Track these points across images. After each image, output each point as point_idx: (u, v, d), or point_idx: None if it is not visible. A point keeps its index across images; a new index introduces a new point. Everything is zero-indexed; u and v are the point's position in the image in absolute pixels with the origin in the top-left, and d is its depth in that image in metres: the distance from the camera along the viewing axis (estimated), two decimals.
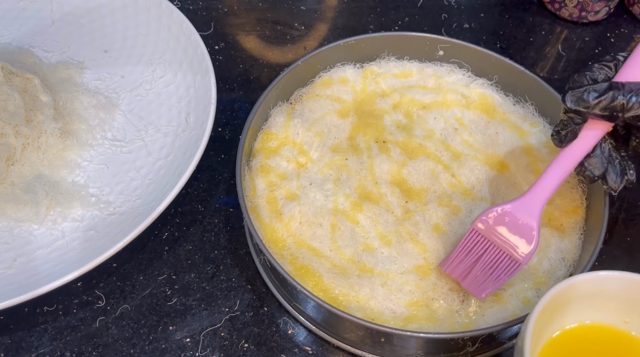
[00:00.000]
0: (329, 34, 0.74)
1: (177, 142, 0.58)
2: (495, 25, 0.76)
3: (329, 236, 0.50)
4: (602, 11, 0.73)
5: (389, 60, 0.62)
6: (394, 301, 0.47)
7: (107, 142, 0.60)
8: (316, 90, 0.60)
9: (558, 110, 0.57)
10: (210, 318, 0.50)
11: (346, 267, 0.49)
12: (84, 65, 0.66)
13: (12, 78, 0.58)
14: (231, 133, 0.63)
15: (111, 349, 0.49)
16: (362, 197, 0.53)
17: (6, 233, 0.53)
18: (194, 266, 0.53)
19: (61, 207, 0.54)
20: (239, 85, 0.68)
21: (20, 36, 0.68)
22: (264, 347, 0.49)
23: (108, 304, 0.51)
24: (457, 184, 0.54)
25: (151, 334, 0.50)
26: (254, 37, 0.73)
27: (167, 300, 0.51)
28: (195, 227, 0.56)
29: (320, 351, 0.49)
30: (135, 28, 0.68)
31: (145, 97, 0.63)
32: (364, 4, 0.77)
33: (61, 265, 0.50)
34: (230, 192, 0.59)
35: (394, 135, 0.57)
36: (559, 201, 0.53)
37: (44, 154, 0.57)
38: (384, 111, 0.59)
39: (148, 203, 0.53)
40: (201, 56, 0.61)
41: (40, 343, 0.49)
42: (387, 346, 0.47)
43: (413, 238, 0.50)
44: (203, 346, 0.49)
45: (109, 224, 0.53)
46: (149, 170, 0.57)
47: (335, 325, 0.48)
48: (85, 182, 0.57)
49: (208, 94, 0.58)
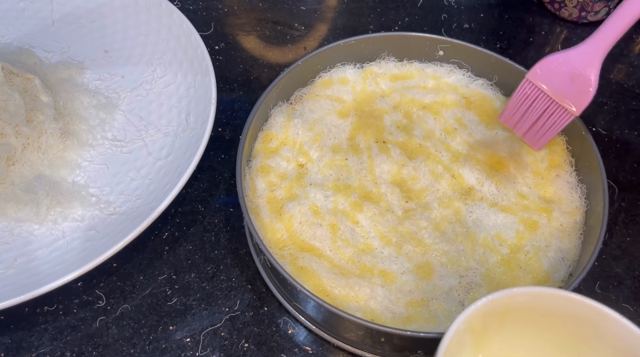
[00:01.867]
0: (329, 34, 0.74)
1: (177, 142, 0.58)
2: (495, 25, 0.76)
3: (329, 236, 0.50)
4: (602, 11, 0.73)
5: (389, 60, 0.62)
6: (394, 301, 0.47)
7: (107, 142, 0.60)
8: (316, 90, 0.60)
9: None
10: (211, 318, 0.50)
11: (346, 267, 0.49)
12: (84, 65, 0.66)
13: (12, 78, 0.58)
14: (231, 133, 0.63)
15: (111, 349, 0.49)
16: (362, 197, 0.53)
17: (6, 233, 0.53)
18: (194, 266, 0.53)
19: (61, 207, 0.54)
20: (239, 85, 0.68)
21: (20, 36, 0.68)
22: (264, 347, 0.49)
23: (108, 304, 0.51)
24: (457, 184, 0.54)
25: (151, 334, 0.50)
26: (254, 37, 0.73)
27: (167, 300, 0.51)
28: (195, 227, 0.56)
29: (320, 350, 0.49)
30: (135, 28, 0.68)
31: (146, 97, 0.63)
32: (364, 4, 0.77)
33: (61, 265, 0.50)
34: (230, 192, 0.59)
35: (394, 136, 0.57)
36: (559, 201, 0.53)
37: (44, 154, 0.57)
38: (384, 111, 0.59)
39: (148, 203, 0.53)
40: (201, 56, 0.61)
41: (40, 343, 0.49)
42: (387, 346, 0.47)
43: (413, 238, 0.50)
44: (203, 345, 0.49)
45: (109, 224, 0.53)
46: (149, 170, 0.57)
47: (335, 325, 0.48)
48: (85, 182, 0.57)
49: (208, 94, 0.58)
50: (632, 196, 0.59)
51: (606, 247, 0.55)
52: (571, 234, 0.51)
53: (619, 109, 0.67)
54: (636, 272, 0.54)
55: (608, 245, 0.55)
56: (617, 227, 0.57)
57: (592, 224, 0.51)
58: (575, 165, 0.55)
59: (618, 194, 0.59)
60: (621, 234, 0.56)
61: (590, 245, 0.49)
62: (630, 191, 0.59)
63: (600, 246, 0.47)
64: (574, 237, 0.51)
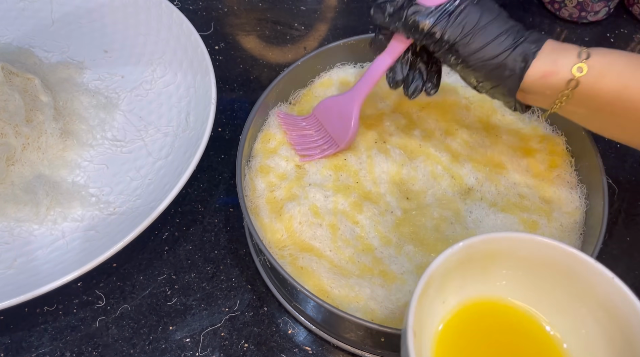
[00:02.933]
0: (329, 34, 0.74)
1: (177, 142, 0.58)
2: None
3: (329, 236, 0.50)
4: (602, 11, 0.73)
5: None
6: (394, 301, 0.47)
7: (107, 142, 0.60)
8: (316, 91, 0.60)
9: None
10: (210, 318, 0.50)
11: (346, 267, 0.49)
12: (84, 65, 0.66)
13: (12, 78, 0.58)
14: (231, 133, 0.63)
15: (111, 349, 0.49)
16: (362, 197, 0.53)
17: (6, 233, 0.53)
18: (194, 266, 0.53)
19: (61, 207, 0.54)
20: (239, 85, 0.68)
21: (20, 36, 0.68)
22: (264, 347, 0.49)
23: (108, 304, 0.51)
24: (456, 184, 0.54)
25: (151, 334, 0.50)
26: (254, 37, 0.73)
27: (167, 300, 0.51)
28: (195, 227, 0.56)
29: (320, 351, 0.49)
30: (135, 28, 0.68)
31: (145, 97, 0.63)
32: (364, 4, 0.77)
33: (61, 265, 0.50)
34: (230, 192, 0.59)
35: (393, 136, 0.57)
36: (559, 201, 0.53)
37: (44, 154, 0.57)
38: (383, 112, 0.59)
39: (148, 203, 0.53)
40: (201, 56, 0.61)
41: (40, 343, 0.49)
42: (387, 346, 0.47)
43: (413, 238, 0.50)
44: (203, 345, 0.49)
45: (109, 224, 0.53)
46: (149, 171, 0.57)
47: (335, 325, 0.48)
48: (85, 182, 0.57)
49: (208, 94, 0.58)
50: (632, 196, 0.59)
51: (606, 247, 0.55)
52: (571, 234, 0.51)
53: None
54: (636, 272, 0.54)
55: (608, 245, 0.55)
56: (617, 227, 0.57)
57: (592, 224, 0.51)
58: (575, 166, 0.55)
59: (618, 194, 0.59)
60: (621, 234, 0.56)
61: (590, 245, 0.49)
62: (630, 191, 0.59)
63: (600, 246, 0.47)
64: (573, 237, 0.51)
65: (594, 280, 0.37)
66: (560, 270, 0.39)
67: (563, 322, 0.40)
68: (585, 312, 0.39)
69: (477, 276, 0.40)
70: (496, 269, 0.40)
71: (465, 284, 0.40)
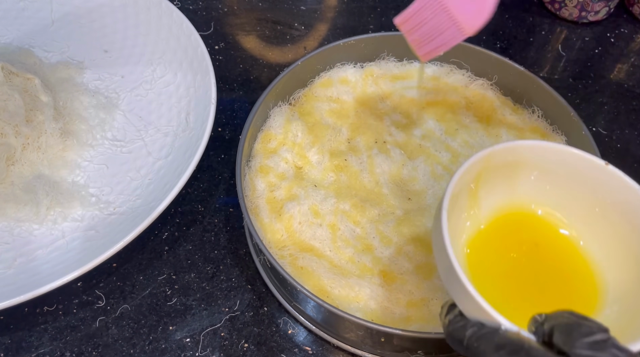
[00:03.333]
0: (329, 34, 0.74)
1: (177, 142, 0.58)
2: (495, 25, 0.76)
3: (329, 236, 0.50)
4: (602, 11, 0.73)
5: (388, 60, 0.62)
6: (394, 301, 0.47)
7: (107, 142, 0.60)
8: (316, 90, 0.60)
9: (558, 110, 0.57)
10: (210, 318, 0.50)
11: (346, 268, 0.49)
12: (84, 65, 0.66)
13: (12, 78, 0.58)
14: (231, 133, 0.63)
15: (111, 349, 0.49)
16: (362, 198, 0.53)
17: (6, 233, 0.53)
18: (194, 266, 0.53)
19: (61, 207, 0.54)
20: (239, 85, 0.68)
21: (20, 36, 0.68)
22: (264, 347, 0.49)
23: (108, 304, 0.51)
24: None
25: (151, 334, 0.50)
26: (254, 37, 0.73)
27: (167, 300, 0.51)
28: (195, 227, 0.56)
29: (320, 351, 0.49)
30: (135, 28, 0.68)
31: (145, 97, 0.63)
32: (364, 4, 0.77)
33: (61, 265, 0.50)
34: (230, 192, 0.59)
35: (393, 136, 0.57)
36: None
37: (44, 154, 0.57)
38: (383, 112, 0.59)
39: (148, 203, 0.53)
40: (201, 56, 0.61)
41: (40, 343, 0.49)
42: (387, 346, 0.47)
43: (413, 238, 0.50)
44: (203, 346, 0.49)
45: (109, 224, 0.53)
46: (149, 171, 0.57)
47: (335, 325, 0.48)
48: (85, 182, 0.57)
49: (208, 94, 0.58)
50: None
51: None
52: None
53: (619, 109, 0.67)
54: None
55: None
56: None
57: None
58: None
59: None
60: None
61: None
62: None
63: None
64: None
65: (603, 178, 0.39)
66: (582, 178, 0.40)
67: (576, 220, 0.42)
68: (599, 214, 0.40)
69: (501, 186, 0.42)
70: (521, 177, 0.42)
71: (493, 193, 0.42)
